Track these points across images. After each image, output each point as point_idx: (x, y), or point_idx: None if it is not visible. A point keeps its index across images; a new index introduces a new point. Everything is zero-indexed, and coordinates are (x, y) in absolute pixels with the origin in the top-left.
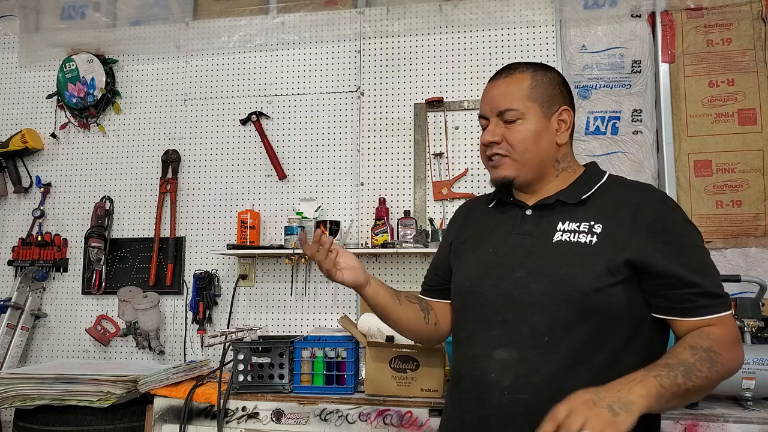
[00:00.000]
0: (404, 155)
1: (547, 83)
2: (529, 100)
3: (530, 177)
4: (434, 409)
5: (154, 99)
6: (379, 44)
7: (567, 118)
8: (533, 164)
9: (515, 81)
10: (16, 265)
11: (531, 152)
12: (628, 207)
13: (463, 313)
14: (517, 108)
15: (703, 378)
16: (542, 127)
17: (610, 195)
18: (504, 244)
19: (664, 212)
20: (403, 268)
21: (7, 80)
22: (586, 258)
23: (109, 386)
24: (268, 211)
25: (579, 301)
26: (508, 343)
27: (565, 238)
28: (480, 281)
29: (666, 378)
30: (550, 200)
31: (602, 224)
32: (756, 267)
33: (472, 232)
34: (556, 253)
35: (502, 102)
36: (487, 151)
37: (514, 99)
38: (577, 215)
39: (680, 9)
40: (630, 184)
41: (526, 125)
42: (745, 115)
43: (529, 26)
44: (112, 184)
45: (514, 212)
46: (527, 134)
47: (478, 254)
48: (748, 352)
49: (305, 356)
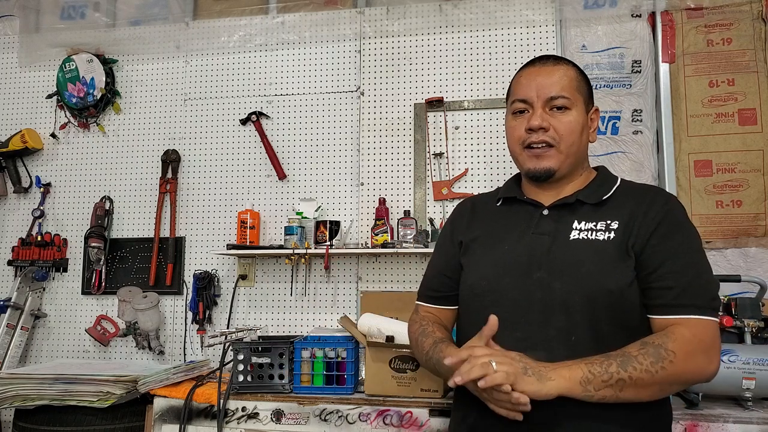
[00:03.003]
0: (404, 155)
1: (586, 80)
2: (577, 92)
3: (566, 171)
4: (434, 409)
5: (154, 99)
6: (379, 44)
7: (596, 118)
8: (573, 158)
9: (563, 71)
10: (16, 265)
11: (575, 145)
12: (640, 205)
13: (479, 313)
14: (568, 96)
15: (644, 371)
16: (584, 122)
17: (626, 197)
18: (520, 243)
19: (672, 213)
20: (403, 268)
21: (7, 80)
22: (606, 255)
23: (109, 386)
24: (268, 211)
25: (603, 298)
26: (534, 346)
27: (582, 236)
28: (497, 280)
29: (598, 366)
30: (570, 200)
31: (618, 221)
32: (756, 267)
33: (482, 230)
34: (576, 252)
35: (554, 88)
36: (529, 138)
37: (565, 87)
38: (596, 215)
39: (680, 9)
40: (643, 187)
41: (575, 116)
42: (746, 115)
43: (529, 26)
44: (112, 184)
45: (528, 211)
46: (576, 125)
47: (492, 253)
48: (749, 352)
49: (305, 356)
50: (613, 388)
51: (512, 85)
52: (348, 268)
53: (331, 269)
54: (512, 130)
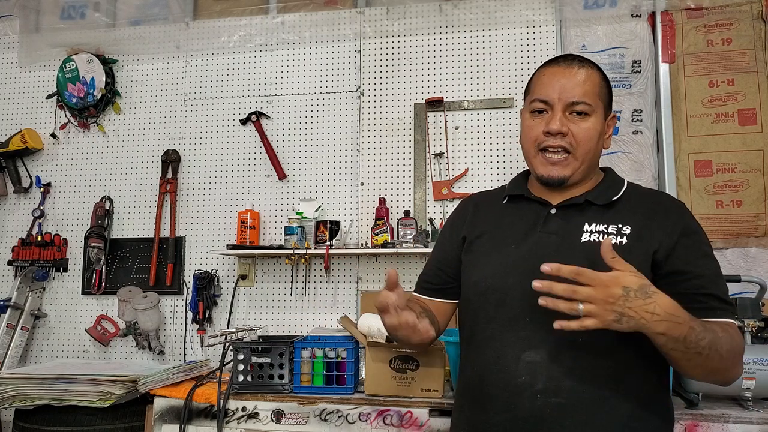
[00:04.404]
0: (404, 155)
1: (608, 86)
2: (599, 98)
3: (579, 178)
4: (434, 409)
5: (154, 99)
6: (379, 44)
7: (612, 124)
8: (587, 165)
9: (588, 74)
10: (16, 265)
11: (591, 152)
12: (656, 211)
13: (484, 311)
14: (590, 102)
15: (718, 356)
16: (602, 129)
17: (635, 199)
18: (526, 242)
19: (689, 220)
20: (403, 268)
21: (7, 80)
22: None
23: (109, 386)
24: (268, 211)
25: None
26: (538, 345)
27: (594, 239)
28: (502, 278)
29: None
30: (579, 200)
31: (630, 226)
32: (756, 267)
33: (487, 227)
34: (586, 254)
35: (577, 92)
36: (546, 141)
37: (588, 93)
38: (606, 217)
39: (680, 9)
40: (653, 193)
41: (594, 123)
42: (745, 115)
43: (529, 26)
44: (112, 184)
45: (536, 210)
46: (594, 132)
47: (498, 250)
48: (748, 353)
49: (305, 356)
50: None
51: (533, 82)
52: (348, 268)
53: (331, 269)
54: (529, 129)
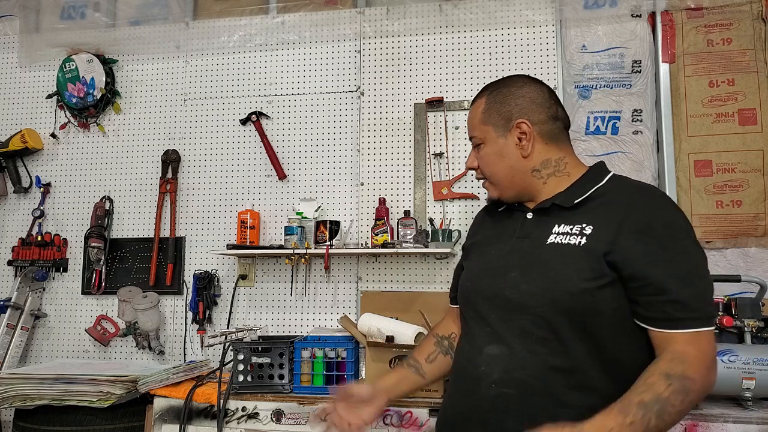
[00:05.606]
0: (404, 155)
1: (500, 101)
2: (483, 124)
3: (512, 193)
4: (434, 409)
5: (154, 99)
6: (379, 44)
7: (526, 129)
8: (506, 183)
9: (475, 107)
10: (16, 265)
11: (499, 173)
12: (619, 208)
13: (466, 311)
14: (476, 134)
15: (676, 413)
16: (501, 147)
17: (606, 197)
18: (506, 246)
19: (657, 215)
20: (403, 268)
21: (7, 80)
22: (574, 259)
23: (109, 386)
24: (268, 211)
25: (566, 302)
26: (499, 340)
27: (558, 240)
28: (479, 281)
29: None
30: (546, 204)
31: (593, 226)
32: (756, 267)
33: (482, 235)
34: (547, 255)
35: (470, 128)
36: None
37: (473, 126)
38: (573, 218)
39: (680, 9)
40: (629, 186)
41: (487, 150)
42: (745, 115)
43: (529, 26)
44: (112, 184)
45: (518, 216)
46: (490, 158)
47: (483, 256)
48: (749, 352)
49: (305, 356)
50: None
51: None
52: (348, 268)
53: (331, 269)
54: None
